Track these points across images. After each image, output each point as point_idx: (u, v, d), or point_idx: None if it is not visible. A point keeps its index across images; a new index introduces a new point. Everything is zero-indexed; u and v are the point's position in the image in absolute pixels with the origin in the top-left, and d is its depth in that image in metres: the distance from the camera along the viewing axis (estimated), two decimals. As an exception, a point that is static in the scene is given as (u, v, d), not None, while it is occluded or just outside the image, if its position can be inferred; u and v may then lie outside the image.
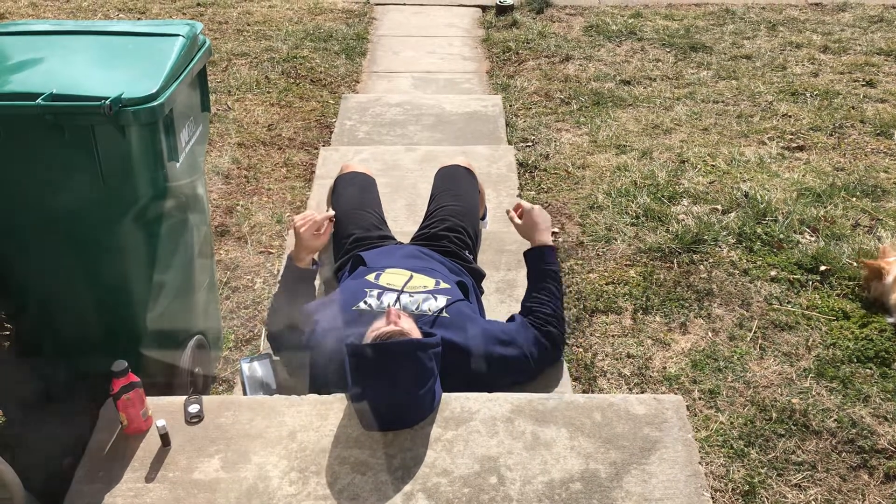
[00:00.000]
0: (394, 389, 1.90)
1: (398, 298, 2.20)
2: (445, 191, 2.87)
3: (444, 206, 2.79)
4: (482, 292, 2.67)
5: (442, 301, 2.21)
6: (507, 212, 2.59)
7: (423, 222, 2.80)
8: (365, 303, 2.20)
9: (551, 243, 2.46)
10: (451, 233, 2.68)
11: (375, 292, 2.23)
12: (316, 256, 2.55)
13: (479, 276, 2.66)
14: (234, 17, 6.04)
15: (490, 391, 2.08)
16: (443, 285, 2.31)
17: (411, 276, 2.32)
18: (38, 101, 1.89)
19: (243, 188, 3.92)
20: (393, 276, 2.32)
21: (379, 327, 1.95)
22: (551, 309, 2.32)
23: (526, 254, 2.48)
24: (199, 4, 6.24)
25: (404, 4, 6.61)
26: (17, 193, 2.08)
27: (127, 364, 1.86)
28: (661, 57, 5.50)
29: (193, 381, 2.46)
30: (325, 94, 4.93)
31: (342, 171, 3.02)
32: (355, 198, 2.84)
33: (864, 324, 2.99)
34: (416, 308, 2.17)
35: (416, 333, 1.97)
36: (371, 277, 2.32)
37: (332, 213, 2.62)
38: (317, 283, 2.64)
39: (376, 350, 1.87)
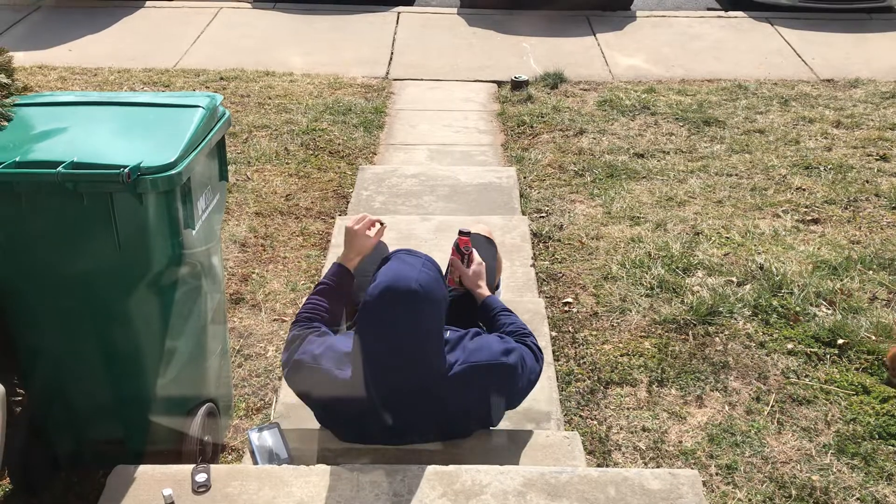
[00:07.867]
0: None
1: None
2: None
3: None
4: None
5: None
6: (463, 252, 2.62)
7: None
8: None
9: (489, 293, 2.59)
10: (464, 298, 2.68)
11: None
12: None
13: None
14: (256, 90, 6.19)
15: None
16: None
17: None
18: (59, 168, 1.94)
19: (259, 256, 3.96)
20: None
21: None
22: (517, 327, 2.44)
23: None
24: (222, 78, 6.42)
25: (422, 80, 6.76)
26: (34, 259, 2.11)
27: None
28: (675, 131, 5.56)
29: (202, 450, 2.43)
30: (343, 166, 5.00)
31: None
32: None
33: (884, 399, 2.93)
34: None
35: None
36: None
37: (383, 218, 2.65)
38: None
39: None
